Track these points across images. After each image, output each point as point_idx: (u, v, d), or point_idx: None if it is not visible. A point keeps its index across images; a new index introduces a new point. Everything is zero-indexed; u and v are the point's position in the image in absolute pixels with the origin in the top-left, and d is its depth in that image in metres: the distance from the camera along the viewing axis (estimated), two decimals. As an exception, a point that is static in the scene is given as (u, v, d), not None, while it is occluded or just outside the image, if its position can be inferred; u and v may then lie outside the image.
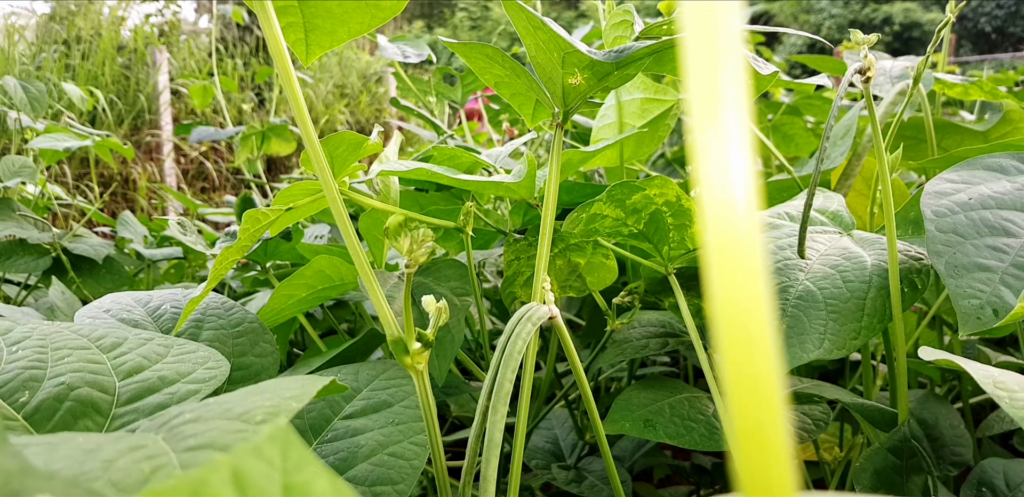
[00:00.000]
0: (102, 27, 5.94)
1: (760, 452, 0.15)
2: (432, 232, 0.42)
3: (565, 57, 0.47)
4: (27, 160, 2.03)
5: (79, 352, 0.49)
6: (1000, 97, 1.13)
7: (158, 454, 0.29)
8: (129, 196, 5.18)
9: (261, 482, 0.17)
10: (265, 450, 0.18)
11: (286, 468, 0.18)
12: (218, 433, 0.30)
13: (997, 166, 0.61)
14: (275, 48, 0.43)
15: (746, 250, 0.15)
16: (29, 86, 2.12)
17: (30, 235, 1.80)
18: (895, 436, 0.57)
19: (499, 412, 0.45)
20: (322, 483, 0.18)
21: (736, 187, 0.15)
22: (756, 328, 0.15)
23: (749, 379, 0.15)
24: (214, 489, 0.17)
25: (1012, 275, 0.52)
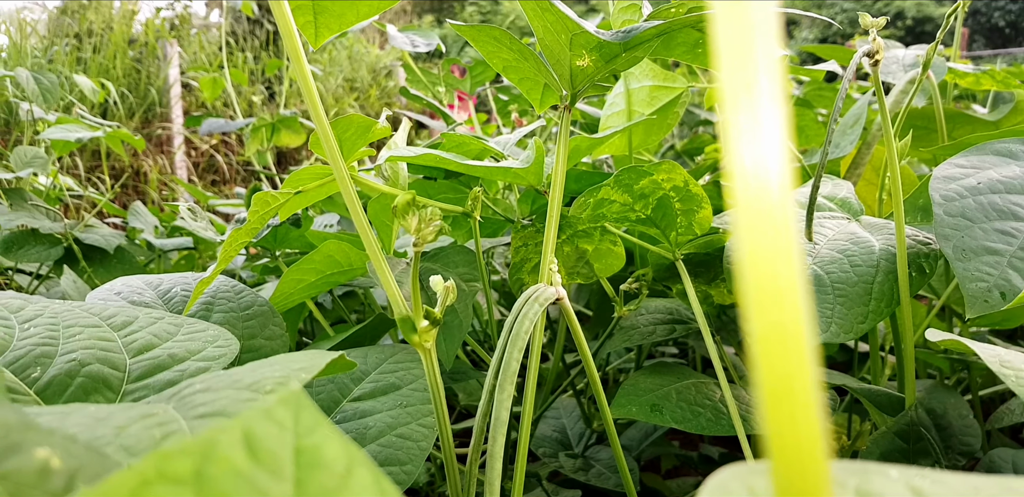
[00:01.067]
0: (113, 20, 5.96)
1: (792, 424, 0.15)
2: (440, 211, 0.42)
3: (573, 38, 0.47)
4: (39, 151, 2.04)
5: (90, 330, 0.49)
6: (1012, 86, 1.12)
7: (169, 421, 0.29)
8: (140, 188, 5.20)
9: (272, 444, 0.17)
10: (277, 413, 0.18)
11: (298, 431, 0.18)
12: (228, 402, 0.30)
13: (1007, 151, 0.60)
14: (284, 26, 0.43)
15: (780, 228, 0.15)
16: (41, 78, 2.13)
17: (42, 225, 1.81)
18: (902, 420, 0.58)
19: (505, 390, 0.45)
20: (334, 446, 0.18)
21: (769, 164, 0.15)
22: (789, 304, 0.15)
23: (781, 358, 0.15)
24: (224, 451, 0.17)
25: (1020, 258, 0.52)
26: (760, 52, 0.15)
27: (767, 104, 0.14)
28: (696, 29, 0.54)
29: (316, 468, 0.17)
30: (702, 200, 0.62)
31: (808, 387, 0.15)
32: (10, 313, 0.50)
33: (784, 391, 0.15)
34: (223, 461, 0.16)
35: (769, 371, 0.15)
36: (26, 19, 5.96)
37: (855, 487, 0.20)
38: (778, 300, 0.15)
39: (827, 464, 0.15)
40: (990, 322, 1.14)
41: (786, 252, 0.14)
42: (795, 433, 0.15)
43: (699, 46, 0.56)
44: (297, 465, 0.17)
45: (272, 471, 0.17)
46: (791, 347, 0.15)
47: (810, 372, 0.15)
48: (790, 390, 0.15)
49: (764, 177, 0.15)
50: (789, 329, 0.15)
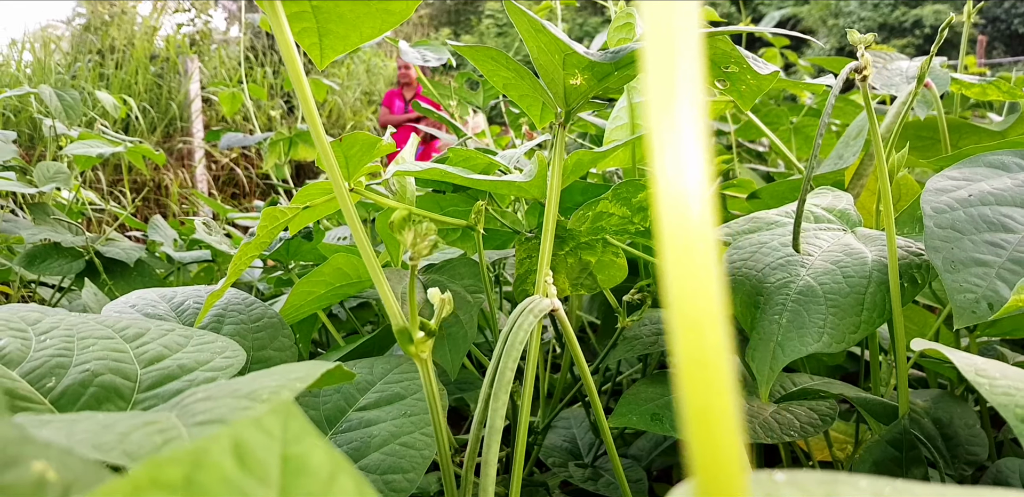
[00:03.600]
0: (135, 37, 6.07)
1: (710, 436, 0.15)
2: (435, 226, 0.44)
3: (566, 58, 0.49)
4: (62, 166, 2.08)
5: (104, 341, 0.51)
6: (1018, 97, 1.13)
7: (170, 428, 0.31)
8: (161, 202, 5.28)
9: (260, 452, 0.18)
10: (266, 422, 0.19)
11: (286, 439, 0.19)
12: (226, 410, 0.32)
13: (999, 163, 0.61)
14: (285, 48, 0.45)
15: (699, 251, 0.15)
16: (64, 94, 2.18)
17: (64, 239, 1.85)
18: (895, 428, 0.58)
19: (500, 399, 0.47)
20: (319, 454, 0.19)
21: (690, 188, 0.15)
22: (709, 327, 0.15)
23: (701, 370, 0.15)
24: (214, 458, 0.17)
25: (1009, 269, 0.53)
26: (681, 73, 0.15)
27: (688, 133, 0.15)
28: (689, 47, 0.56)
29: (301, 475, 0.18)
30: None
31: (727, 408, 0.15)
32: (27, 325, 0.52)
33: (705, 412, 0.15)
34: (213, 468, 0.17)
35: (691, 392, 0.15)
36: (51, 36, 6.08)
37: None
38: (697, 321, 0.15)
39: (743, 481, 0.16)
40: (1000, 332, 1.14)
41: (705, 276, 0.15)
42: (715, 453, 0.15)
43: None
44: (283, 472, 0.18)
45: (259, 478, 0.18)
46: (711, 370, 0.15)
47: (729, 393, 0.15)
48: (710, 411, 0.15)
49: (684, 196, 0.15)
50: (709, 353, 0.15)
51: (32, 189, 1.97)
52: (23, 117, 4.38)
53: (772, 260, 0.61)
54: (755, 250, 0.63)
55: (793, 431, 0.67)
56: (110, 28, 6.22)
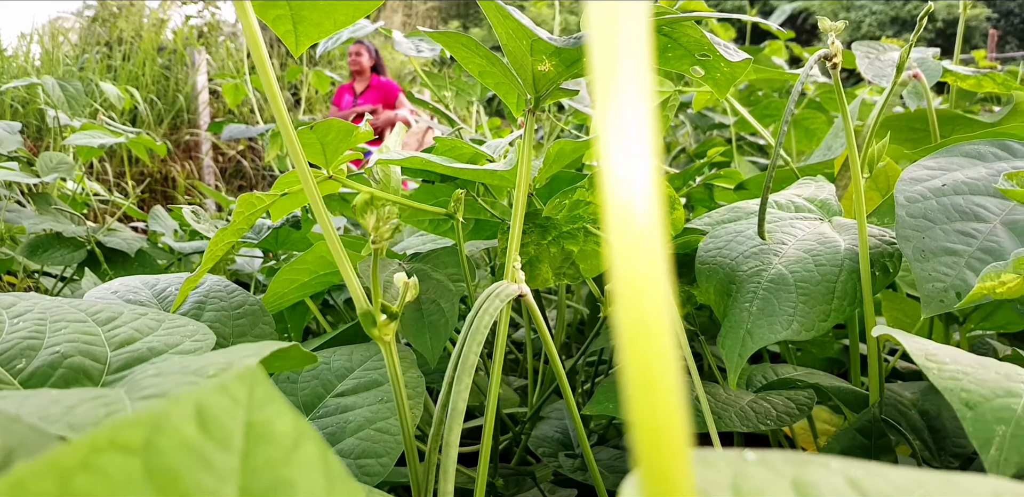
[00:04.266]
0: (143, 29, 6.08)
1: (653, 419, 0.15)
2: (396, 210, 0.44)
3: (532, 44, 0.49)
4: (64, 156, 2.10)
5: (75, 324, 0.52)
6: (1012, 88, 1.12)
7: (115, 402, 0.31)
8: (168, 193, 5.30)
9: (223, 418, 0.18)
10: (231, 388, 0.18)
11: (250, 406, 0.18)
12: (172, 384, 0.32)
13: (975, 153, 0.61)
14: (249, 34, 0.45)
15: (645, 241, 0.15)
16: (67, 85, 2.19)
17: (66, 228, 1.86)
18: (864, 417, 0.58)
19: (463, 382, 0.47)
20: (284, 421, 0.18)
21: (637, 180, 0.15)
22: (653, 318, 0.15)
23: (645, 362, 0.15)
24: (176, 422, 0.17)
25: (978, 259, 0.53)
26: (627, 58, 0.15)
27: (633, 113, 0.15)
28: (663, 34, 0.56)
29: (264, 441, 0.18)
30: (675, 201, 0.64)
31: (670, 391, 0.15)
32: (2, 309, 0.53)
33: (647, 394, 0.15)
34: (173, 432, 0.17)
35: (634, 376, 0.15)
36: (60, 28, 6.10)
37: (792, 477, 0.21)
38: (643, 315, 0.15)
39: (686, 462, 0.16)
40: (994, 326, 1.14)
41: (651, 265, 0.15)
42: (656, 434, 0.15)
43: (668, 51, 0.58)
44: (246, 438, 0.18)
45: (220, 443, 0.17)
46: (654, 355, 0.15)
47: (672, 377, 0.15)
48: (652, 393, 0.15)
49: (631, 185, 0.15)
50: (652, 340, 0.15)
51: (35, 179, 1.98)
52: (31, 109, 4.40)
53: (746, 248, 0.61)
54: (730, 238, 0.63)
55: (769, 420, 0.67)
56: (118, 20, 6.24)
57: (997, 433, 0.33)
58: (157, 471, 0.16)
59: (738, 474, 0.21)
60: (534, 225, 0.77)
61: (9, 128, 2.23)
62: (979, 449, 0.33)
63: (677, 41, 0.55)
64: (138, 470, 0.16)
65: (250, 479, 0.17)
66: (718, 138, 2.07)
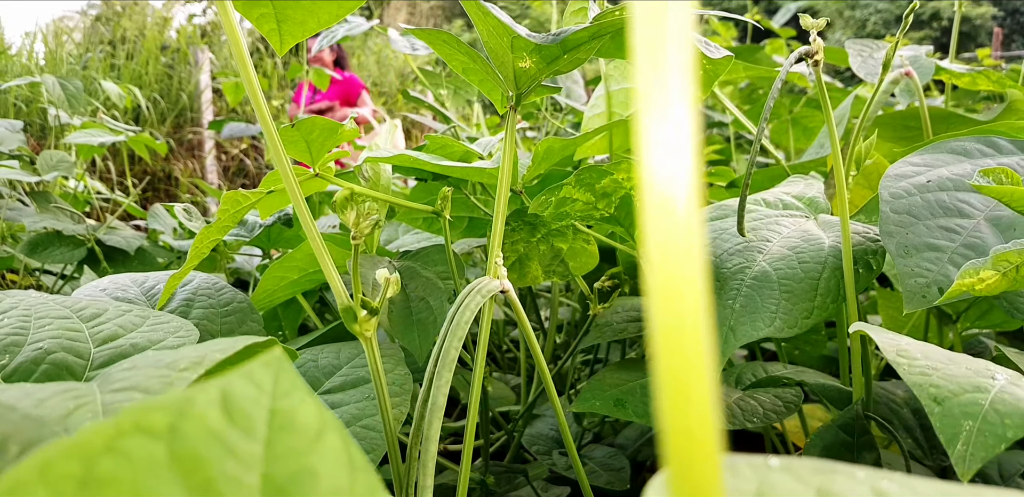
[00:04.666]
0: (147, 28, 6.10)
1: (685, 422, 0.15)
2: (376, 206, 0.45)
3: (513, 41, 0.49)
4: (64, 155, 2.10)
5: (60, 321, 0.52)
6: (1007, 87, 1.12)
7: (85, 395, 0.32)
8: (171, 192, 5.31)
9: (248, 405, 0.18)
10: (257, 374, 0.18)
11: (275, 393, 0.18)
12: (143, 377, 0.32)
13: (961, 149, 0.61)
14: (230, 32, 0.45)
15: (684, 241, 0.14)
16: (67, 84, 2.20)
17: (65, 227, 1.86)
18: (847, 414, 0.58)
19: (443, 377, 0.47)
20: (308, 410, 0.18)
21: (678, 180, 0.14)
22: (691, 323, 0.15)
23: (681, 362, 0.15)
24: (200, 409, 0.17)
25: (962, 254, 0.53)
26: (673, 59, 0.15)
27: (678, 110, 0.14)
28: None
29: (288, 430, 0.18)
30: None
31: (704, 394, 0.15)
32: (-13, 305, 0.53)
33: (681, 397, 0.15)
34: (198, 418, 0.17)
35: (668, 376, 0.15)
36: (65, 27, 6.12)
37: (818, 486, 0.20)
38: (679, 307, 0.15)
39: (719, 468, 0.15)
40: (990, 324, 1.14)
41: (689, 261, 0.14)
42: (689, 438, 0.15)
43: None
44: (270, 426, 0.18)
45: (245, 430, 0.17)
46: (690, 353, 0.15)
47: (706, 379, 0.15)
48: (687, 396, 0.15)
49: (671, 184, 0.14)
50: (688, 337, 0.15)
51: (35, 177, 1.99)
52: (34, 107, 4.42)
53: (731, 246, 0.61)
54: (716, 236, 0.63)
55: (756, 417, 0.67)
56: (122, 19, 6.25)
57: (964, 428, 0.33)
58: (181, 456, 0.16)
59: (763, 482, 0.21)
60: (523, 223, 0.78)
61: (10, 127, 2.24)
62: (946, 444, 0.33)
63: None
64: (163, 455, 0.16)
65: (273, 467, 0.17)
66: (717, 137, 2.07)
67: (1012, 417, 0.33)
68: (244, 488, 0.16)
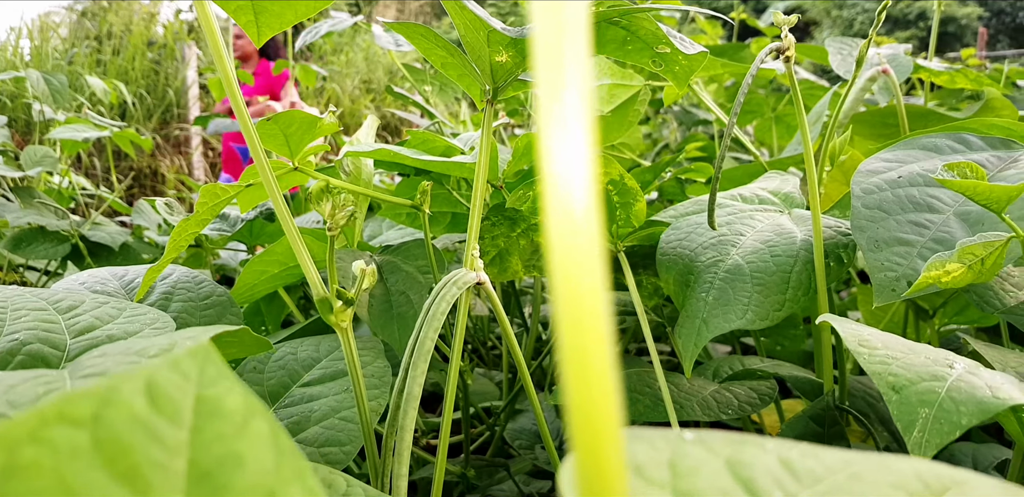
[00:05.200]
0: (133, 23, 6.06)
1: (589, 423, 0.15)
2: (352, 197, 0.45)
3: (489, 35, 0.49)
4: (48, 150, 2.09)
5: (36, 313, 0.53)
6: (985, 85, 1.13)
7: (55, 381, 0.32)
8: (158, 188, 5.29)
9: (173, 393, 0.18)
10: (183, 364, 0.19)
11: (201, 382, 0.18)
12: (112, 364, 0.33)
13: (932, 145, 0.62)
14: (207, 26, 0.46)
15: (584, 241, 0.15)
16: (51, 79, 2.19)
17: (49, 222, 1.85)
18: (818, 404, 0.59)
19: (419, 368, 0.48)
20: (234, 397, 0.18)
21: (575, 183, 0.15)
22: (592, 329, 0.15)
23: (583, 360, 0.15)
24: (125, 396, 0.17)
25: (930, 249, 0.54)
26: (569, 55, 0.15)
27: (574, 107, 0.15)
28: (622, 27, 0.57)
29: (215, 417, 0.18)
30: (637, 193, 0.64)
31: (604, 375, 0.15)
32: (-37, 296, 0.53)
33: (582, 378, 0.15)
34: (122, 406, 0.17)
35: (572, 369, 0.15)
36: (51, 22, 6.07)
37: (727, 456, 0.21)
38: (580, 306, 0.15)
39: (619, 447, 0.16)
40: (968, 320, 1.15)
41: (588, 257, 0.15)
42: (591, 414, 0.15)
43: (628, 43, 0.59)
44: (196, 413, 0.18)
45: (170, 418, 0.17)
46: (591, 350, 0.15)
47: (608, 377, 0.15)
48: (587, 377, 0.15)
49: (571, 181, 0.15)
50: (589, 333, 0.15)
51: (18, 173, 1.97)
52: (19, 103, 4.39)
53: (705, 240, 0.62)
54: (691, 230, 0.64)
55: (731, 409, 0.68)
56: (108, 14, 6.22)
57: (920, 415, 0.34)
58: (105, 444, 0.16)
59: (676, 452, 0.21)
60: (503, 218, 0.78)
61: (-5, 122, 2.22)
62: (903, 431, 0.34)
63: (635, 34, 0.56)
64: (86, 442, 0.16)
65: (199, 453, 0.17)
66: (701, 134, 2.08)
67: (967, 405, 0.34)
68: (170, 473, 0.17)
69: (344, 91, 6.80)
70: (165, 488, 0.16)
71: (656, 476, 0.21)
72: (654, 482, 0.21)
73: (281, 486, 0.18)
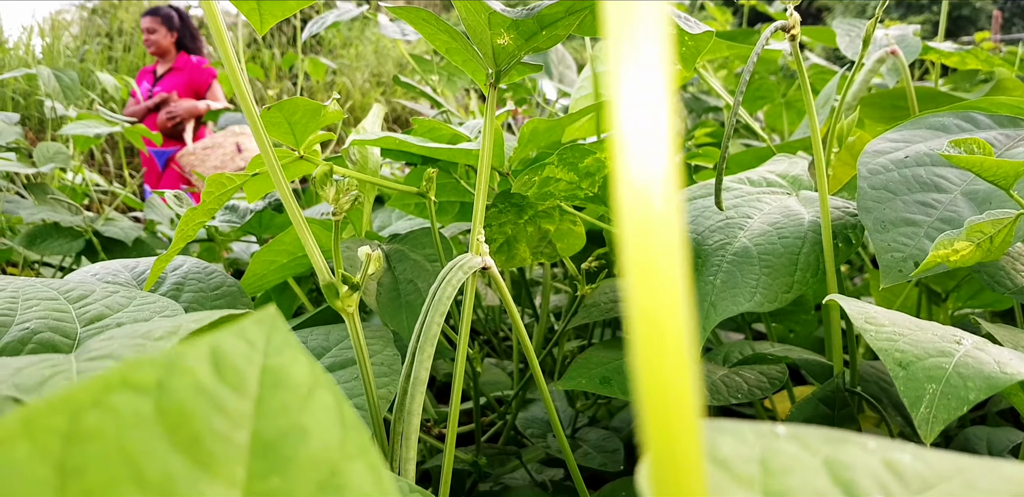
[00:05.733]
0: (143, 20, 6.09)
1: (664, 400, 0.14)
2: (355, 182, 0.45)
3: (490, 17, 0.49)
4: (60, 146, 2.11)
5: (47, 302, 0.53)
6: (996, 65, 1.12)
7: (61, 363, 0.32)
8: (171, 185, 5.31)
9: (238, 361, 0.17)
10: (248, 331, 0.18)
11: (267, 350, 0.18)
12: (118, 346, 0.33)
13: (939, 125, 0.62)
14: (211, 16, 0.46)
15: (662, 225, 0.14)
16: (62, 75, 2.20)
17: (63, 218, 1.87)
18: (828, 387, 0.59)
19: (425, 352, 0.48)
20: (300, 368, 0.18)
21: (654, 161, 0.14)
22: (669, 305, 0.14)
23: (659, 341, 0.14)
24: (190, 364, 0.17)
25: (937, 229, 0.54)
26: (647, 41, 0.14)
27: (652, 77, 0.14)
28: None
29: (280, 387, 0.17)
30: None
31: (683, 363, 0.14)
32: (-26, 287, 0.54)
33: (659, 369, 0.14)
34: (186, 374, 0.17)
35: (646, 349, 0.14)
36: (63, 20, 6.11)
37: (825, 456, 0.20)
38: (656, 285, 0.14)
39: (697, 442, 0.15)
40: (982, 304, 1.14)
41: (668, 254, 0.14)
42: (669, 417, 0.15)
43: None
44: (261, 384, 0.17)
45: (235, 387, 0.17)
46: (668, 329, 0.14)
47: (685, 351, 0.14)
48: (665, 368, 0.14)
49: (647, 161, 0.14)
50: (666, 314, 0.14)
51: (32, 169, 1.99)
52: (32, 101, 4.42)
53: (713, 223, 0.62)
54: (699, 213, 0.64)
55: (740, 393, 0.68)
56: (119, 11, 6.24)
57: (927, 391, 0.33)
58: (168, 412, 0.16)
59: (767, 448, 0.20)
60: (510, 205, 0.78)
61: (7, 119, 2.24)
62: (909, 407, 0.34)
63: (639, 16, 0.56)
64: (149, 410, 0.16)
65: (263, 424, 0.17)
66: (711, 121, 2.07)
67: (974, 380, 0.34)
68: (232, 445, 0.16)
69: (354, 85, 6.81)
70: (226, 460, 0.16)
71: (744, 473, 0.19)
72: (742, 480, 0.19)
73: (345, 461, 0.17)
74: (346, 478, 0.17)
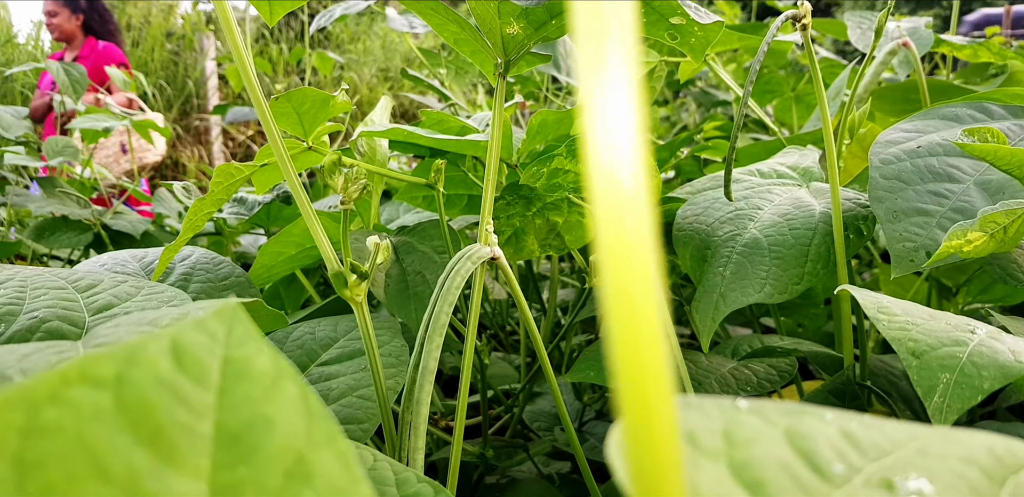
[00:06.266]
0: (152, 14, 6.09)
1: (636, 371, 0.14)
2: (363, 170, 0.45)
3: (500, 6, 0.49)
4: (69, 140, 2.11)
5: (55, 291, 0.53)
6: (1009, 58, 1.11)
7: (68, 350, 0.32)
8: (179, 178, 5.33)
9: (200, 353, 0.17)
10: (209, 324, 0.18)
11: (229, 342, 0.18)
12: (125, 333, 0.33)
13: (952, 115, 0.61)
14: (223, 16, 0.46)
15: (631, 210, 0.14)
16: (71, 69, 2.20)
17: (71, 212, 1.87)
18: (838, 379, 0.59)
19: (434, 341, 0.48)
20: (263, 359, 0.18)
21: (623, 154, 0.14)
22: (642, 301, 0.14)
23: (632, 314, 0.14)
24: (150, 357, 0.17)
25: (950, 219, 0.53)
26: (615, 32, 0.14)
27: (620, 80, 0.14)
28: (635, -1, 0.56)
29: (242, 379, 0.17)
30: (652, 169, 0.64)
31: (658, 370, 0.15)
32: (-17, 276, 0.54)
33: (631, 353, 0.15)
34: (147, 366, 0.16)
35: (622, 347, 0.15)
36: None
37: (785, 427, 0.20)
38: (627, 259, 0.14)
39: (671, 411, 0.15)
40: (992, 298, 1.13)
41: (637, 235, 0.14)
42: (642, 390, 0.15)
43: (644, 15, 0.58)
44: (223, 375, 0.17)
45: (196, 379, 0.17)
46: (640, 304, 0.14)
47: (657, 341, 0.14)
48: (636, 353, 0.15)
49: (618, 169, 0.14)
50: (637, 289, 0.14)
51: (40, 163, 2.00)
52: (40, 95, 4.43)
53: (722, 214, 0.61)
54: (708, 205, 0.63)
55: (749, 386, 0.67)
56: (127, 5, 6.25)
57: (941, 381, 0.33)
58: (129, 405, 0.16)
59: (730, 421, 0.20)
60: (518, 197, 0.78)
61: (16, 113, 2.25)
62: (923, 396, 0.33)
63: (650, 4, 0.55)
64: (108, 403, 0.16)
65: (227, 415, 0.17)
66: (720, 115, 2.06)
67: (989, 369, 0.33)
68: (196, 436, 0.16)
69: (362, 79, 6.81)
70: (191, 452, 0.16)
71: (710, 445, 0.20)
72: (707, 451, 0.20)
73: (312, 450, 0.17)
74: (314, 466, 0.17)
